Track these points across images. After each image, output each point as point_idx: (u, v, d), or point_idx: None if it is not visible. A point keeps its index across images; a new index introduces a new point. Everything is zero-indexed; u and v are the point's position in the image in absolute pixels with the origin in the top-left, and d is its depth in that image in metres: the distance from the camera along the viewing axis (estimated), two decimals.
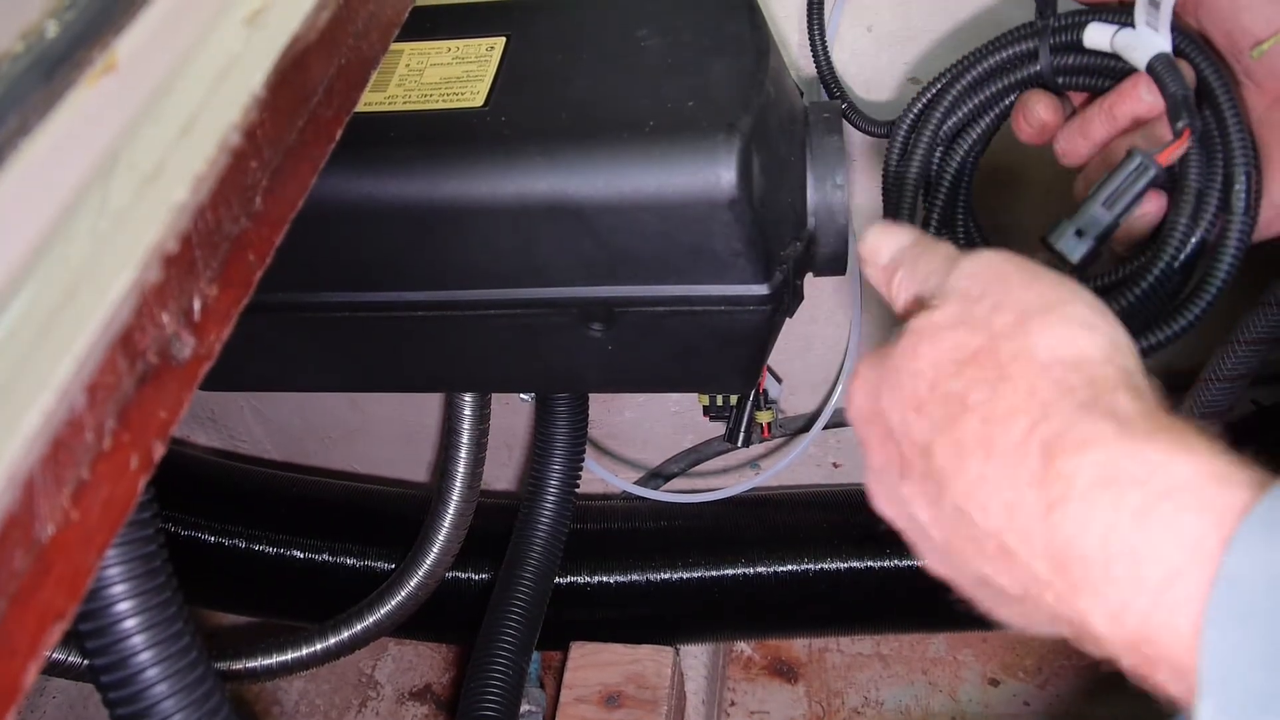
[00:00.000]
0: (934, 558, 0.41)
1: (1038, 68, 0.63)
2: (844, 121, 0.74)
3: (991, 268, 0.42)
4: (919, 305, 0.43)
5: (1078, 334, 0.38)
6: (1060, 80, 0.63)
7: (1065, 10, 0.62)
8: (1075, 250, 0.56)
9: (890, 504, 0.43)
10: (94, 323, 0.29)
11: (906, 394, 0.40)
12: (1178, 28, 0.57)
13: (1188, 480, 0.32)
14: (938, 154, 0.68)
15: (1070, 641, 0.36)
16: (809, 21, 0.75)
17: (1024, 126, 0.64)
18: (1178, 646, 0.31)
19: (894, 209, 0.67)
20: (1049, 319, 0.38)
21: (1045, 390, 0.36)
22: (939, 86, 0.66)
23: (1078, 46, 0.61)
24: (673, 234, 0.59)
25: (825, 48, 0.76)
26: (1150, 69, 0.56)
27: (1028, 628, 0.39)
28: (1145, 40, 0.57)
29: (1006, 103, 0.66)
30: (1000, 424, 0.36)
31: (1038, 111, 0.63)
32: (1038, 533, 0.34)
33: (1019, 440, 0.35)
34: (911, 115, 0.67)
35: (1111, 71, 0.60)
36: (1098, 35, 0.59)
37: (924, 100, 0.67)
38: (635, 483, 1.06)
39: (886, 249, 0.47)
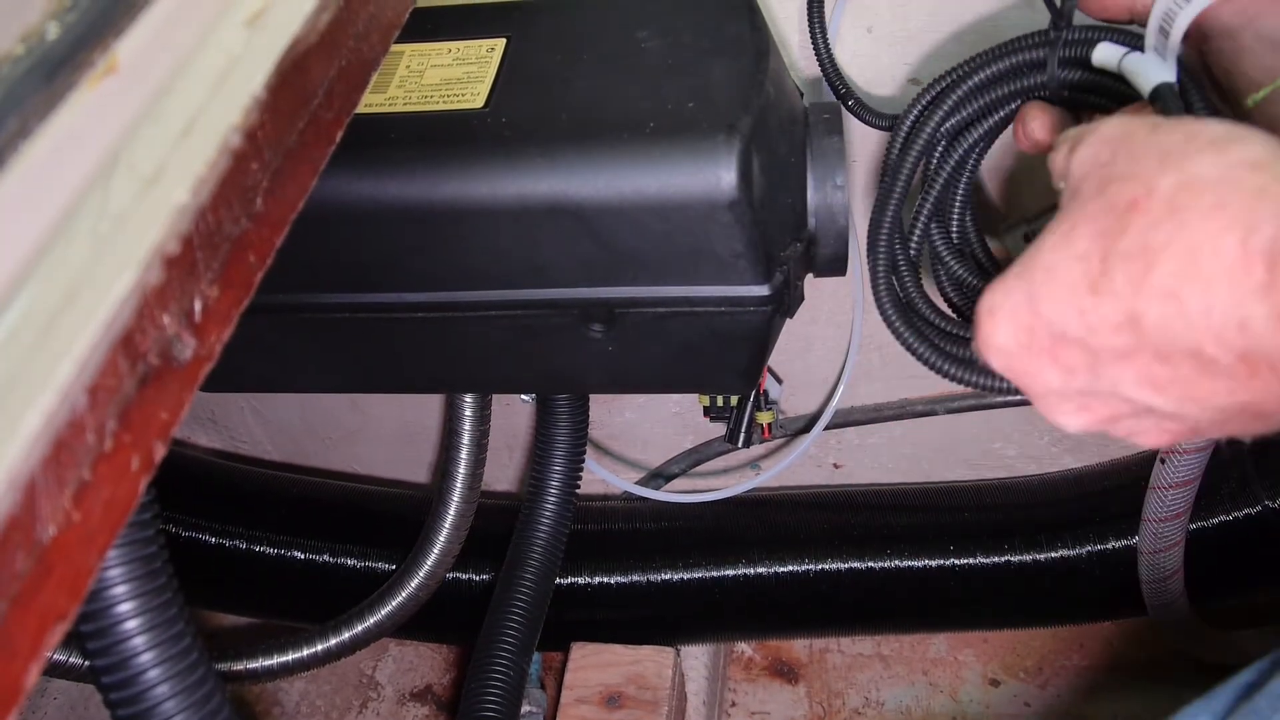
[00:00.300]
0: (1165, 428, 0.40)
1: (1044, 78, 0.62)
2: (845, 121, 0.74)
3: (1109, 135, 0.41)
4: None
5: (1235, 144, 0.37)
6: (1065, 94, 0.62)
7: (1081, 24, 0.62)
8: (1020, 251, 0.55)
9: (1089, 410, 0.41)
10: (95, 324, 0.29)
11: (1074, 283, 0.38)
12: (1183, 61, 0.57)
13: None
14: (939, 149, 0.67)
15: None
16: (809, 17, 0.75)
17: (1021, 138, 0.64)
18: None
19: (886, 195, 0.67)
20: (1195, 143, 0.37)
21: (1237, 201, 0.35)
22: (945, 84, 0.66)
23: (1086, 63, 0.61)
24: (673, 235, 0.59)
25: (826, 43, 0.76)
26: (1154, 98, 0.55)
27: None
28: (1152, 68, 0.56)
29: (1012, 107, 0.65)
30: (1206, 250, 0.35)
31: (1033, 127, 0.62)
32: (1275, 339, 0.34)
33: (1236, 257, 0.35)
34: (916, 110, 0.67)
35: (1115, 93, 0.60)
36: (1107, 55, 0.59)
37: (929, 96, 0.67)
38: (636, 483, 1.06)
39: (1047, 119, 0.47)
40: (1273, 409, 0.37)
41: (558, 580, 0.95)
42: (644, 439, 1.09)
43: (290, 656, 0.91)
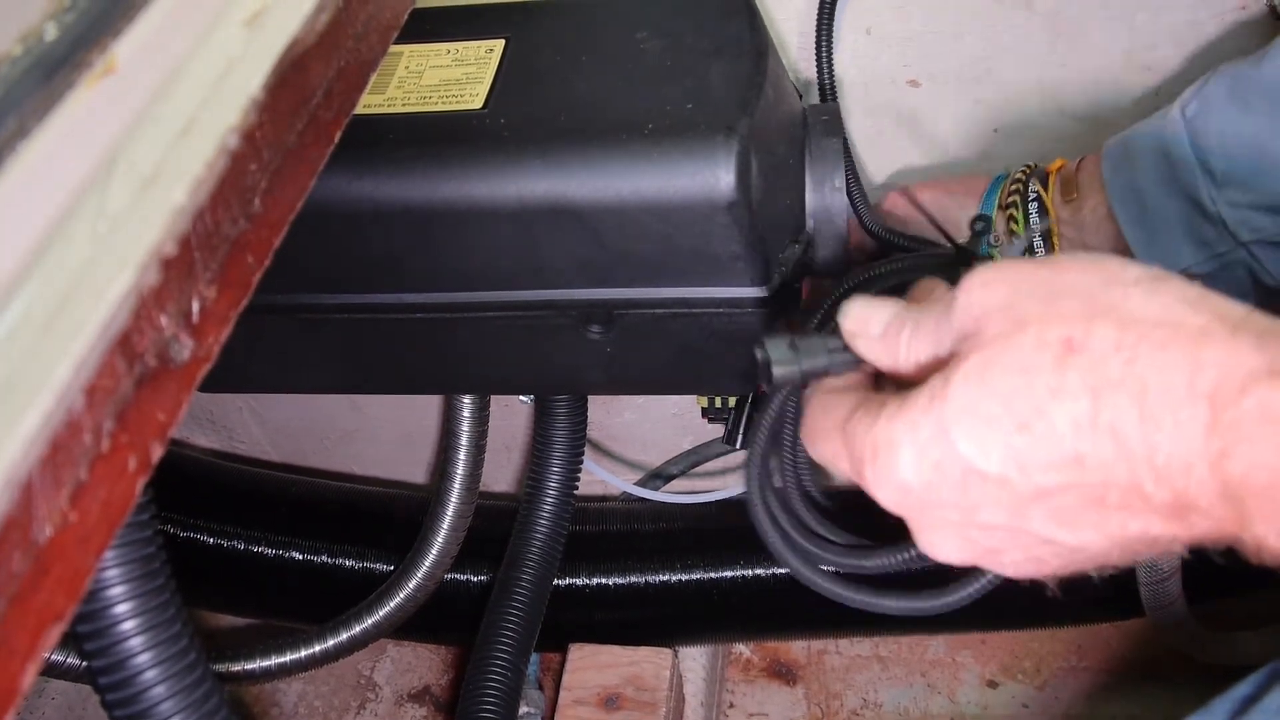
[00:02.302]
0: (1045, 561, 0.41)
1: None
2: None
3: (999, 277, 0.40)
4: (939, 363, 0.41)
5: (1161, 283, 0.37)
6: None
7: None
8: (780, 363, 0.47)
9: (974, 542, 0.41)
10: (92, 325, 0.29)
11: (997, 420, 0.37)
12: None
13: None
14: None
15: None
16: (818, 35, 0.75)
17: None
18: None
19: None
20: (1119, 283, 0.38)
21: (1182, 342, 0.36)
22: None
23: None
24: (671, 236, 0.59)
25: (829, 59, 0.76)
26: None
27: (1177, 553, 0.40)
28: None
29: None
30: (1156, 392, 0.35)
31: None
32: (1215, 481, 0.35)
33: (1184, 398, 0.35)
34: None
35: None
36: None
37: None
38: (635, 484, 1.06)
39: (878, 317, 0.44)
40: (1180, 540, 0.38)
41: (556, 581, 0.95)
42: (643, 440, 1.09)
43: (288, 657, 0.91)
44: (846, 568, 0.56)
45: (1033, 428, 0.37)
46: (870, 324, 0.44)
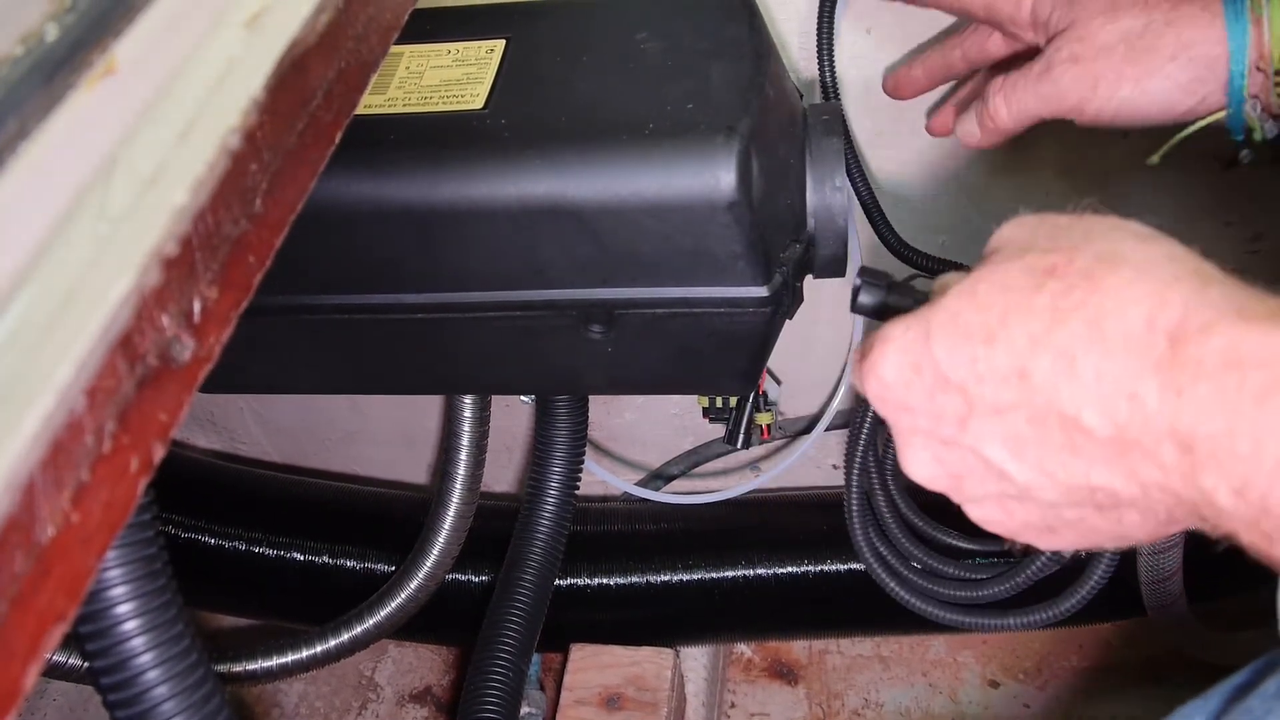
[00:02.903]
0: (1006, 505, 0.41)
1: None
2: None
3: (1028, 219, 0.42)
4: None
5: (1157, 239, 0.39)
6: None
7: None
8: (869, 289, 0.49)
9: (942, 461, 0.42)
10: (93, 326, 0.29)
11: (972, 330, 0.39)
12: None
13: None
14: None
15: (1193, 525, 0.37)
16: (818, 34, 0.75)
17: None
18: None
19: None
20: (1121, 230, 0.39)
21: (1151, 281, 0.36)
22: None
23: None
24: (672, 236, 0.59)
25: (831, 59, 0.76)
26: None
27: (1136, 538, 0.40)
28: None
29: None
30: (1113, 319, 0.36)
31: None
32: (1162, 418, 0.35)
33: (1141, 331, 0.36)
34: None
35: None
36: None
37: None
38: (635, 484, 1.06)
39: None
40: (1123, 498, 0.38)
41: (557, 581, 0.95)
42: (643, 440, 1.09)
43: (289, 658, 0.91)
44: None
45: (996, 339, 0.38)
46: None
